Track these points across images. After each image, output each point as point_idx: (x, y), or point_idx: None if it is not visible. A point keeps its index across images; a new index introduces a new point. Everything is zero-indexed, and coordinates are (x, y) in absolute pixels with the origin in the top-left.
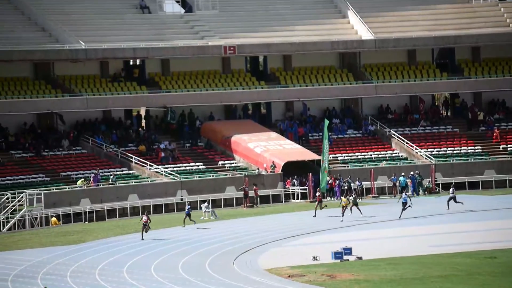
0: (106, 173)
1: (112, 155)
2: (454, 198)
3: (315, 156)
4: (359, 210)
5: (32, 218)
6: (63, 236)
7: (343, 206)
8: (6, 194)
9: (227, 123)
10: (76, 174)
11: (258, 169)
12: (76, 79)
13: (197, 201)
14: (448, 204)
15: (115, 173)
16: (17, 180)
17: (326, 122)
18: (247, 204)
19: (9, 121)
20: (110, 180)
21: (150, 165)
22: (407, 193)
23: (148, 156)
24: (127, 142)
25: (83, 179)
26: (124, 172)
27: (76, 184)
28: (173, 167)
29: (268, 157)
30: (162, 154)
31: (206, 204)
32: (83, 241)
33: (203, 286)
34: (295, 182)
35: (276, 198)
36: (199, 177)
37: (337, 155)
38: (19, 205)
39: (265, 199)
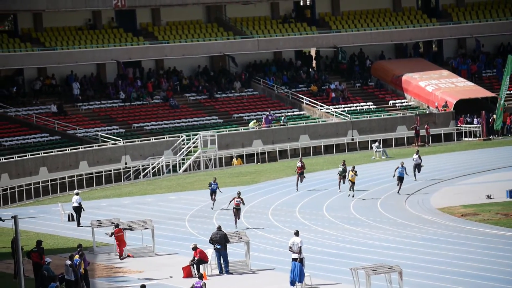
0: (277, 114)
1: (283, 96)
2: (418, 166)
3: (488, 94)
4: (341, 183)
5: (206, 159)
6: (236, 177)
7: (351, 181)
8: (182, 136)
9: (398, 62)
10: (248, 116)
11: (429, 107)
12: (247, 21)
13: (368, 141)
14: (414, 175)
15: (286, 114)
16: (191, 122)
17: (511, 57)
18: (419, 143)
19: (183, 64)
20: (282, 121)
21: (321, 106)
22: (403, 165)
23: (319, 96)
24: (297, 83)
25: (255, 121)
26: (295, 113)
27: (248, 126)
28: (344, 107)
29: (439, 95)
30: (333, 94)
31: (377, 143)
32: (256, 182)
33: (376, 226)
34: (468, 120)
35: (448, 137)
36: (370, 116)
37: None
38: (194, 147)
39: (437, 138)
